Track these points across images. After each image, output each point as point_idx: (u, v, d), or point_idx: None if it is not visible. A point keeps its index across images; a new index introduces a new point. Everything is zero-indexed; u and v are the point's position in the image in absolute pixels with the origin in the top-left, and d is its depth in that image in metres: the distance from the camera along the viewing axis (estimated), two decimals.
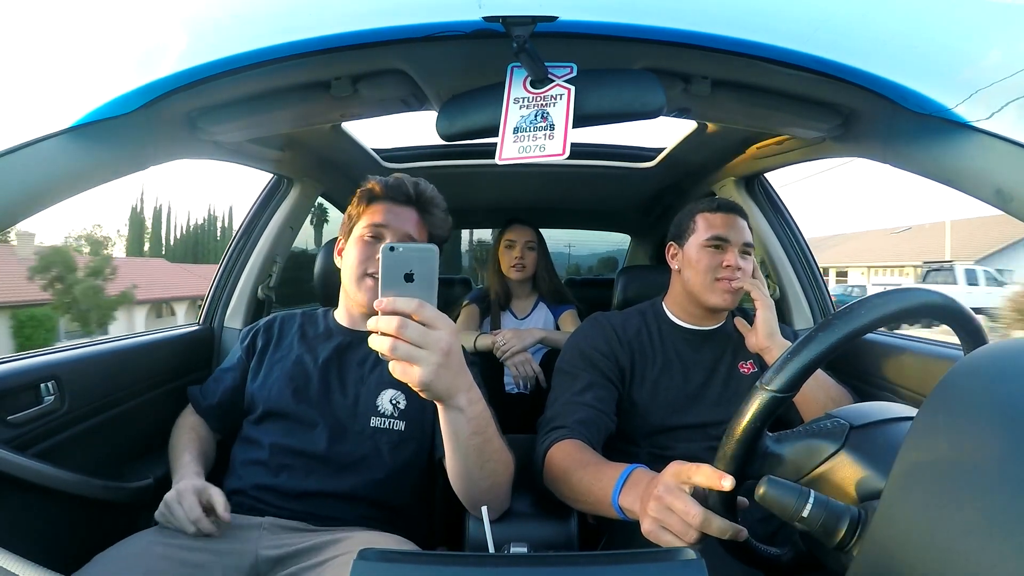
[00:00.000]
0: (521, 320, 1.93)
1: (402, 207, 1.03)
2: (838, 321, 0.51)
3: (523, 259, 1.86)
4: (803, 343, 0.52)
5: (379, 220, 1.00)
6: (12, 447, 0.88)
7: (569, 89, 0.79)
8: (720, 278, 1.08)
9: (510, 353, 1.60)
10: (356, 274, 1.00)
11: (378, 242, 0.99)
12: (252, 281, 1.54)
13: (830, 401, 1.03)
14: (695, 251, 1.11)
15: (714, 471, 0.55)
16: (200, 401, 1.08)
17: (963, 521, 0.36)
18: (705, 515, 0.56)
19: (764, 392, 0.52)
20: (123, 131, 0.84)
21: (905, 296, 0.53)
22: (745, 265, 1.09)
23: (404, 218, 1.02)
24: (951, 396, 0.43)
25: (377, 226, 1.00)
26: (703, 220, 1.12)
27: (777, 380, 0.51)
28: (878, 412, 0.58)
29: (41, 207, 0.78)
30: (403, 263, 0.59)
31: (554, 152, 0.77)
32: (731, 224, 1.10)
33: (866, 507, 0.50)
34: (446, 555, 0.65)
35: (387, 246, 0.59)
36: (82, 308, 17.08)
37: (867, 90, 0.82)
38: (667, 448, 1.04)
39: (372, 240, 1.00)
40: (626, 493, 0.71)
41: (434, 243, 1.00)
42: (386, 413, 0.97)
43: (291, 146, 1.41)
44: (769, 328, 1.09)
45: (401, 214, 1.02)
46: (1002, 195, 0.73)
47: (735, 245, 1.08)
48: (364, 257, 0.99)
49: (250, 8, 0.79)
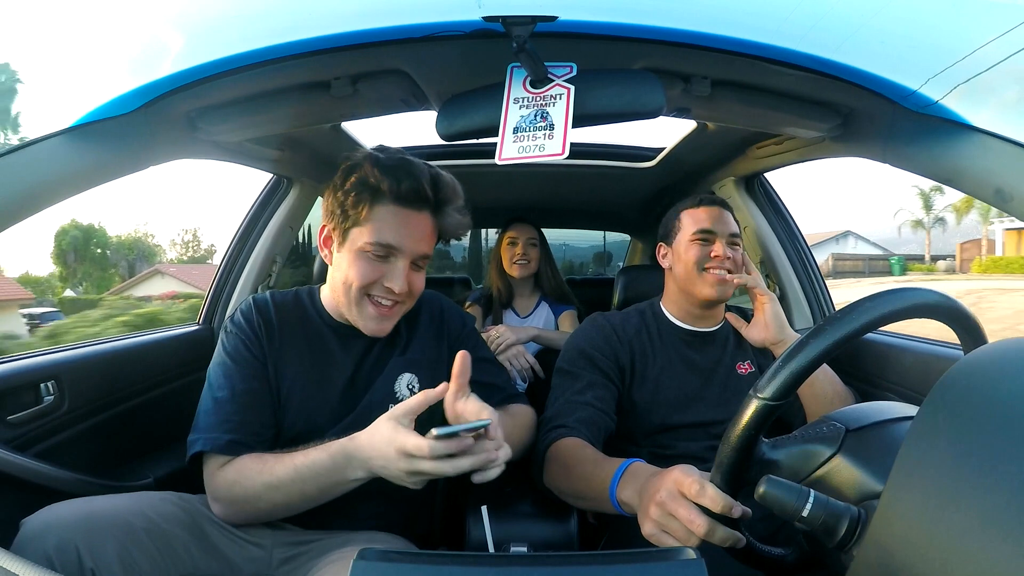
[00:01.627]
0: (523, 318, 1.93)
1: (418, 213, 0.84)
2: (829, 327, 0.51)
3: (526, 256, 1.88)
4: (795, 350, 0.52)
5: (390, 240, 0.82)
6: (12, 447, 0.88)
7: (569, 89, 0.79)
8: (708, 267, 1.09)
9: (504, 346, 1.60)
10: (355, 296, 0.85)
11: (384, 262, 0.84)
12: (252, 281, 1.54)
13: (836, 397, 1.04)
14: (683, 247, 1.12)
15: (722, 498, 0.55)
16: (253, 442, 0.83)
17: (963, 521, 0.36)
18: (709, 524, 0.56)
19: (758, 400, 0.52)
20: (123, 131, 0.84)
21: (902, 297, 0.53)
22: (734, 255, 1.10)
23: (419, 230, 0.85)
24: (951, 396, 0.43)
25: (388, 247, 0.83)
26: (688, 217, 1.14)
27: (770, 388, 0.51)
28: (875, 413, 0.58)
29: (41, 207, 0.78)
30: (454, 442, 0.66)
31: (554, 152, 0.77)
32: (716, 216, 1.11)
33: (866, 507, 0.50)
34: (446, 555, 0.65)
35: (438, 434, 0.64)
36: None
37: (867, 90, 0.82)
38: (668, 447, 1.04)
39: (377, 260, 0.83)
40: (623, 486, 0.71)
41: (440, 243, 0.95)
42: (403, 397, 0.91)
43: (291, 146, 1.41)
44: (780, 321, 1.11)
45: (416, 225, 0.84)
46: (1002, 195, 0.73)
47: (721, 236, 1.10)
48: (369, 280, 0.84)
49: (250, 8, 0.79)
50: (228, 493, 0.79)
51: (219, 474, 0.80)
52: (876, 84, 0.80)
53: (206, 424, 0.82)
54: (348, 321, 0.91)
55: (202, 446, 0.80)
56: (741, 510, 0.55)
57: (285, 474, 0.75)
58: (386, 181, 0.81)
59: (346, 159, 0.86)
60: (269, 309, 0.91)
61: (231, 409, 0.83)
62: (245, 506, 0.79)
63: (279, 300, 0.93)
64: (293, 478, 0.75)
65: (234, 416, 0.82)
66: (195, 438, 0.82)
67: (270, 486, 0.76)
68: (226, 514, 0.80)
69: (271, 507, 0.78)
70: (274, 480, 0.76)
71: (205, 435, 0.81)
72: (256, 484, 0.77)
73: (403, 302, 0.88)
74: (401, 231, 0.83)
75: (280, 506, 0.78)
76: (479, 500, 0.80)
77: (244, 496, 0.78)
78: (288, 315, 0.92)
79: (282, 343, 0.89)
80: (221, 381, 0.85)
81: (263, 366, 0.87)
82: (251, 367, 0.86)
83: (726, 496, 0.55)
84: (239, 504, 0.79)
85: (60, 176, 0.79)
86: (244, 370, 0.85)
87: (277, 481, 0.76)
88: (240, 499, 0.78)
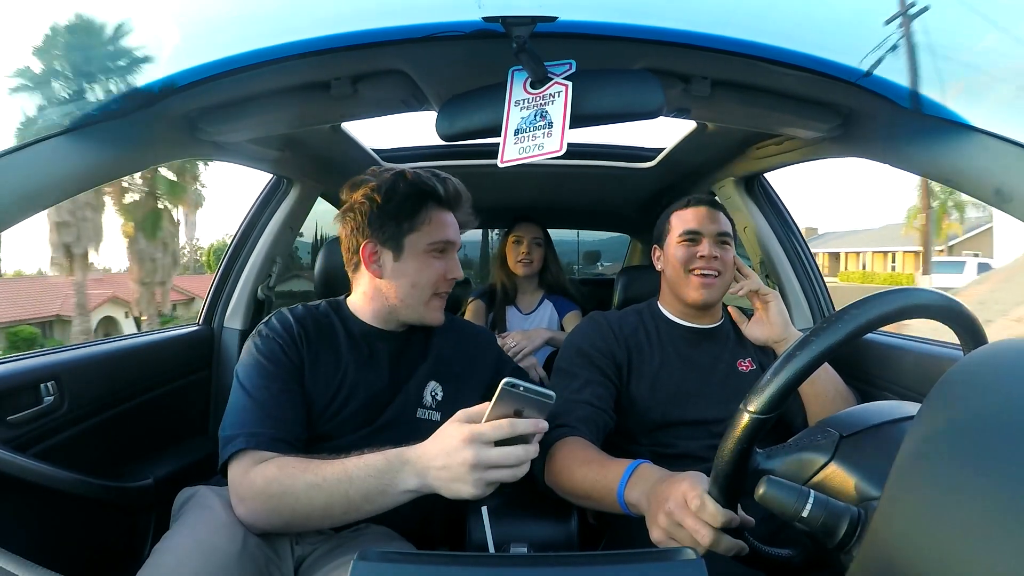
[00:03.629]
0: (526, 315, 1.94)
1: (450, 212, 0.96)
2: (815, 338, 0.51)
3: (530, 255, 1.89)
4: (784, 362, 0.51)
5: (449, 236, 0.94)
6: (12, 447, 0.88)
7: (567, 85, 0.79)
8: (693, 269, 1.09)
9: (523, 355, 1.60)
10: (428, 295, 0.93)
11: (443, 258, 0.94)
12: (252, 281, 1.55)
13: (839, 396, 1.04)
14: (672, 249, 1.13)
15: (721, 513, 0.56)
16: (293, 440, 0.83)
17: (963, 521, 0.36)
18: (714, 535, 0.57)
19: (747, 414, 0.52)
20: (123, 131, 0.84)
21: (900, 297, 0.53)
22: (722, 255, 1.09)
23: (455, 226, 0.97)
24: (951, 396, 0.43)
25: (446, 243, 0.94)
26: (677, 218, 1.14)
27: (758, 402, 0.51)
28: (869, 417, 0.58)
29: (41, 207, 0.78)
30: (518, 401, 0.65)
31: (552, 149, 0.77)
32: (703, 216, 1.11)
33: (866, 507, 0.50)
34: (446, 555, 0.65)
35: (508, 383, 0.63)
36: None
37: (867, 90, 0.82)
38: (669, 446, 1.04)
39: (439, 256, 0.94)
40: (631, 488, 0.72)
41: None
42: (427, 404, 0.96)
43: (291, 146, 1.41)
44: (784, 319, 1.11)
45: (452, 221, 0.96)
46: (1001, 195, 0.73)
47: (708, 236, 1.09)
48: (439, 276, 0.93)
49: (250, 8, 0.80)
50: (263, 491, 0.75)
51: (255, 471, 0.76)
52: (876, 84, 0.80)
53: (243, 421, 0.81)
54: (376, 324, 0.97)
55: (244, 443, 0.78)
56: (739, 521, 0.56)
57: (332, 474, 0.72)
58: (438, 187, 0.92)
59: (364, 182, 0.94)
60: (306, 318, 0.94)
61: (270, 407, 0.82)
62: (280, 506, 0.74)
63: (313, 310, 0.97)
64: (340, 478, 0.72)
65: (275, 413, 0.82)
66: (232, 435, 0.79)
67: (313, 485, 0.73)
68: (253, 515, 0.76)
69: (309, 510, 0.73)
70: (319, 479, 0.73)
71: (245, 432, 0.79)
72: (298, 482, 0.73)
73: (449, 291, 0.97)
74: (450, 228, 0.95)
75: (319, 509, 0.73)
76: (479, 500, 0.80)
77: (281, 494, 0.74)
78: (322, 324, 0.95)
79: (319, 350, 0.91)
80: (258, 382, 0.84)
81: (299, 371, 0.88)
82: (288, 370, 0.87)
83: (725, 511, 0.56)
84: (274, 502, 0.74)
85: (60, 176, 0.79)
86: (282, 372, 0.86)
87: (322, 480, 0.72)
88: (277, 497, 0.74)
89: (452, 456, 0.66)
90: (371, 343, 0.96)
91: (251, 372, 0.86)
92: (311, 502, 0.73)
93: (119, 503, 1.04)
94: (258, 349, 0.89)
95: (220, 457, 0.80)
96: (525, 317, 1.93)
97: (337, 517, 0.74)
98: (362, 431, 0.88)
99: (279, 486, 0.74)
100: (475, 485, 0.66)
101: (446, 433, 0.68)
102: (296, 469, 0.75)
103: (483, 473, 0.65)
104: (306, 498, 0.73)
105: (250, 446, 0.78)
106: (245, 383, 0.85)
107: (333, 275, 1.18)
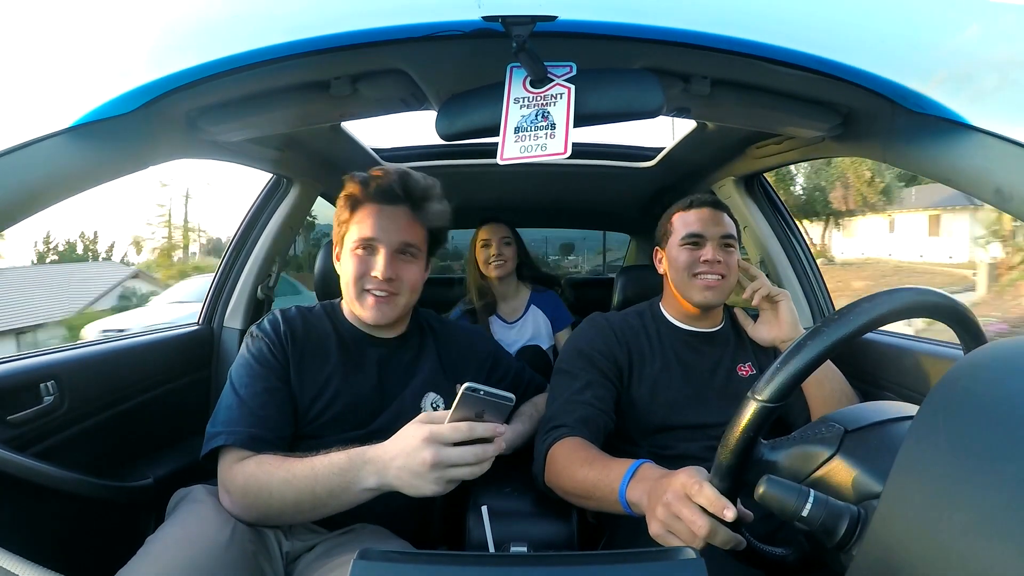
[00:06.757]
0: (511, 324, 1.89)
1: (391, 207, 0.95)
2: (827, 328, 0.51)
3: (501, 255, 1.84)
4: (793, 352, 0.52)
5: (368, 234, 0.93)
6: (12, 447, 0.88)
7: (569, 88, 0.79)
8: (697, 273, 1.08)
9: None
10: (354, 292, 0.94)
11: (371, 255, 0.93)
12: (252, 281, 1.55)
13: (843, 396, 1.04)
14: (674, 251, 1.11)
15: (717, 498, 0.56)
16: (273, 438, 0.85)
17: (963, 521, 0.36)
18: (711, 526, 0.57)
19: (756, 402, 0.52)
20: (123, 131, 0.84)
21: (901, 296, 0.53)
22: (726, 258, 1.08)
23: (395, 222, 0.94)
24: (951, 396, 0.43)
25: (368, 240, 0.93)
26: (679, 220, 1.13)
27: (768, 390, 0.51)
28: (874, 413, 0.58)
29: (41, 207, 0.78)
30: (478, 404, 0.66)
31: (556, 151, 0.77)
32: (706, 219, 1.10)
33: (866, 506, 0.50)
34: (446, 555, 0.65)
35: (469, 387, 0.65)
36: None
37: (867, 90, 0.82)
38: (667, 448, 1.04)
39: (366, 254, 0.94)
40: (633, 487, 0.72)
41: (432, 237, 1.01)
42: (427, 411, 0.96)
43: (290, 146, 1.40)
44: (794, 318, 1.11)
45: (391, 217, 0.94)
46: (1001, 194, 0.73)
47: (712, 239, 1.08)
48: (360, 273, 0.93)
49: (250, 8, 0.79)
50: (243, 486, 0.79)
51: (236, 467, 0.81)
52: (876, 84, 0.80)
53: (227, 419, 0.84)
54: (366, 329, 0.99)
55: (225, 440, 0.82)
56: (735, 513, 0.56)
57: (301, 471, 0.76)
58: (360, 187, 0.95)
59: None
60: (295, 319, 0.97)
61: (254, 406, 0.85)
62: (257, 501, 0.79)
63: (305, 312, 1.00)
64: (308, 475, 0.76)
65: (257, 412, 0.85)
66: (216, 432, 0.84)
67: (285, 481, 0.77)
68: (236, 508, 0.81)
69: (282, 504, 0.78)
70: (289, 476, 0.77)
71: (227, 429, 0.83)
72: (272, 479, 0.78)
73: (398, 293, 0.95)
74: (378, 224, 0.93)
75: (290, 504, 0.77)
76: (479, 500, 0.80)
77: (258, 490, 0.78)
78: (312, 326, 0.98)
79: (304, 350, 0.94)
80: (245, 380, 0.88)
81: (285, 370, 0.91)
82: (274, 370, 0.90)
83: (721, 497, 0.56)
84: (251, 497, 0.79)
85: (60, 176, 0.79)
86: (267, 372, 0.90)
87: (292, 477, 0.76)
88: (254, 492, 0.79)
89: (412, 456, 0.68)
90: (361, 348, 0.98)
91: (241, 371, 0.90)
92: (283, 497, 0.77)
93: (119, 502, 1.04)
94: (248, 349, 0.93)
95: (202, 450, 0.84)
96: (510, 326, 1.88)
97: (307, 512, 0.79)
98: (349, 434, 0.88)
99: (256, 482, 0.79)
100: (436, 483, 0.69)
101: (407, 433, 0.71)
102: (272, 466, 0.79)
103: (443, 472, 0.68)
104: (279, 494, 0.77)
105: (230, 442, 0.82)
106: (235, 381, 0.89)
107: (333, 275, 1.18)
